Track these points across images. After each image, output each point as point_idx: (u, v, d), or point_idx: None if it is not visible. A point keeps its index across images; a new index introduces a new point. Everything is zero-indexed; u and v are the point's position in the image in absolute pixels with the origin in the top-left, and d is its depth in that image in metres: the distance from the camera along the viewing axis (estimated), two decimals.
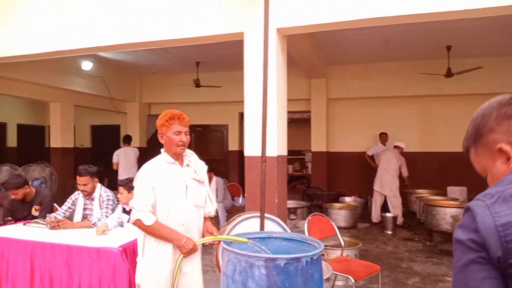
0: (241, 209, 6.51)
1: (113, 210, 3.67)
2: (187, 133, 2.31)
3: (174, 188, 2.23)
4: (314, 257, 1.94)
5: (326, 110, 8.60)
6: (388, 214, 6.62)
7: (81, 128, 11.17)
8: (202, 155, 2.54)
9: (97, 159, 10.61)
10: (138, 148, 9.90)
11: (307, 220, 3.67)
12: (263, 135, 2.92)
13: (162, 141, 2.33)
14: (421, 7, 3.10)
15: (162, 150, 2.37)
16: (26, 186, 3.89)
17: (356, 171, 8.63)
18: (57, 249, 2.93)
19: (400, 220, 6.84)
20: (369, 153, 7.76)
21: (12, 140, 10.63)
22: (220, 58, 7.67)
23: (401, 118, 8.53)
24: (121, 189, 3.39)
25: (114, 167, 7.22)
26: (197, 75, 8.24)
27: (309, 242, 2.22)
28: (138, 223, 2.16)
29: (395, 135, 7.96)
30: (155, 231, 2.17)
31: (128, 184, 3.35)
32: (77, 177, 3.63)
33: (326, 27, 3.64)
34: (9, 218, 4.00)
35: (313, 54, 6.74)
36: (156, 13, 4.03)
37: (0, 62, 5.41)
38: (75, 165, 8.70)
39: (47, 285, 2.94)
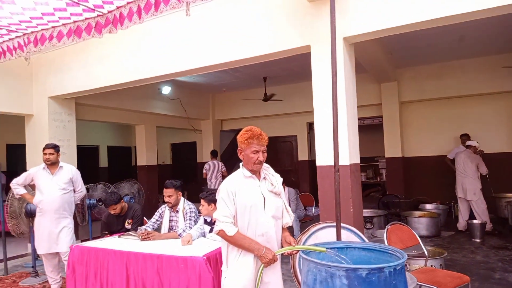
0: (314, 219, 6.48)
1: (195, 221, 3.92)
2: (264, 152, 2.41)
3: (253, 200, 2.33)
4: (398, 268, 1.89)
5: (399, 114, 8.25)
6: (475, 221, 6.08)
7: (162, 147, 12.06)
8: (272, 166, 2.62)
9: (177, 174, 11.35)
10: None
11: (386, 229, 3.55)
12: (335, 144, 2.93)
13: (241, 156, 2.45)
14: None
15: (240, 164, 2.48)
16: (122, 201, 4.38)
17: (436, 176, 8.08)
18: (148, 258, 3.20)
19: (489, 227, 6.24)
20: (450, 156, 7.22)
21: (103, 161, 11.87)
22: (286, 71, 7.82)
23: (484, 117, 7.84)
24: (202, 201, 3.61)
25: (204, 176, 8.70)
26: (264, 89, 8.47)
27: (390, 252, 2.16)
28: (221, 234, 2.30)
29: (477, 135, 7.32)
30: (236, 241, 2.29)
31: (209, 197, 3.57)
32: (164, 189, 3.96)
33: (395, 31, 3.56)
34: (106, 232, 4.49)
35: (382, 58, 6.56)
36: (228, 35, 4.29)
37: (93, 93, 6.18)
38: (158, 181, 9.45)
39: None
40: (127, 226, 4.28)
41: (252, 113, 9.84)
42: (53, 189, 4.18)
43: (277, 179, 2.48)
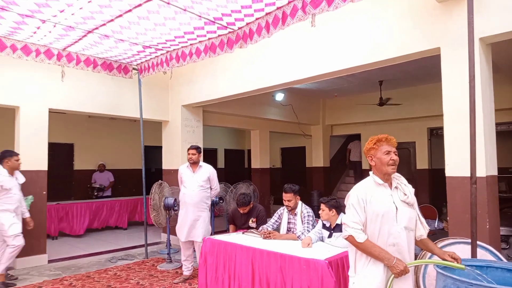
0: (437, 233, 5.98)
1: (313, 225, 4.02)
2: (396, 153, 2.38)
3: (384, 209, 2.30)
4: None
5: None
6: None
7: (273, 151, 12.56)
8: None
9: (287, 178, 11.66)
10: (322, 167, 10.48)
11: None
12: (472, 154, 2.71)
13: (372, 163, 2.43)
14: None
15: (370, 172, 2.47)
16: (251, 203, 4.76)
17: None
18: (272, 256, 3.40)
19: None
20: None
21: (221, 162, 12.89)
22: (405, 74, 7.40)
23: None
24: (323, 206, 3.69)
25: None
26: (380, 93, 8.17)
27: None
28: (350, 239, 2.33)
29: None
30: (366, 249, 2.28)
31: (330, 202, 3.63)
32: (283, 194, 4.16)
33: None
34: (231, 225, 4.92)
35: None
36: (350, 41, 4.31)
37: (216, 102, 6.81)
38: (270, 183, 9.89)
39: (265, 287, 3.44)
40: (251, 224, 4.62)
41: (365, 118, 9.56)
42: (193, 185, 4.69)
43: (410, 189, 2.42)
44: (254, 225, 4.61)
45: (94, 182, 9.16)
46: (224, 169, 12.67)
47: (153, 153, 9.76)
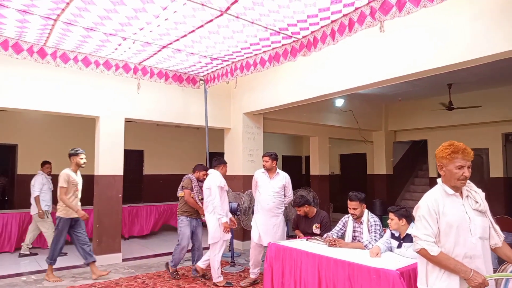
0: None
1: (380, 234, 3.93)
2: (469, 167, 2.27)
3: (458, 220, 2.21)
4: None
5: None
6: None
7: (332, 157, 12.40)
8: None
9: (346, 185, 11.43)
10: (385, 175, 10.14)
11: None
12: None
13: (441, 172, 2.34)
14: None
15: (438, 180, 2.38)
16: (306, 205, 4.77)
17: None
18: (340, 264, 3.38)
19: None
20: None
21: (279, 168, 12.95)
22: (477, 77, 6.95)
23: None
24: (391, 215, 3.60)
25: None
26: (449, 97, 7.74)
27: None
28: (422, 252, 2.24)
29: None
30: (440, 262, 2.20)
31: (399, 211, 3.53)
32: (348, 201, 4.11)
33: None
34: (297, 230, 4.96)
35: None
36: (420, 45, 4.18)
37: (276, 110, 6.91)
38: (329, 190, 9.77)
39: None
40: (315, 229, 4.63)
41: (432, 123, 9.09)
42: (268, 191, 4.79)
43: (481, 195, 2.30)
44: (317, 231, 4.60)
45: None
46: None
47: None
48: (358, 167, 11.55)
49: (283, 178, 4.90)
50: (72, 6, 3.49)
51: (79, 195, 5.23)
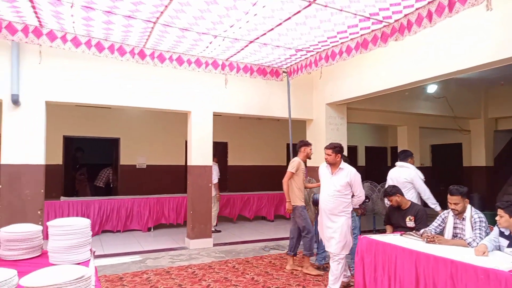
0: None
1: (486, 232, 3.60)
2: None
3: None
4: None
5: None
6: None
7: (422, 148, 11.59)
8: None
9: (439, 178, 10.61)
10: (484, 167, 9.20)
11: None
12: None
13: None
14: None
15: None
16: (398, 195, 4.53)
17: None
18: (441, 262, 3.17)
19: None
20: None
21: (361, 160, 12.55)
22: None
23: None
24: (501, 212, 3.26)
25: None
26: None
27: None
28: None
29: None
30: None
31: (510, 208, 3.20)
32: (448, 196, 3.82)
33: None
34: (388, 224, 4.72)
35: None
36: None
37: (361, 99, 6.65)
38: None
39: None
40: (408, 222, 4.40)
41: None
42: (329, 189, 4.20)
43: None
44: (411, 224, 4.36)
45: None
46: (365, 167, 12.28)
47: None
48: (453, 158, 10.62)
49: (347, 174, 4.15)
50: (170, 9, 3.76)
51: None
